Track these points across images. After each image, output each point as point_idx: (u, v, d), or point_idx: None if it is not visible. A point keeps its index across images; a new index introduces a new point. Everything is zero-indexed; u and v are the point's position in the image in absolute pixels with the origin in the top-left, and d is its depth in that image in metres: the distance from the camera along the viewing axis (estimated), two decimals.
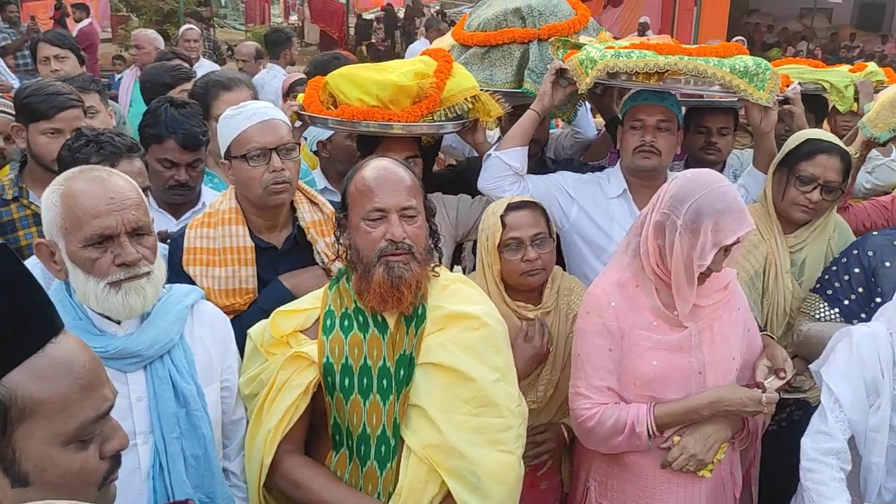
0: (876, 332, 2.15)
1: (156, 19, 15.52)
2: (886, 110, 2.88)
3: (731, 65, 2.53)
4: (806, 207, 2.62)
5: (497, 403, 1.91)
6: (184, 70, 3.93)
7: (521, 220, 2.41)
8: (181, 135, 2.61)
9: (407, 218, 1.88)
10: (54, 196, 1.69)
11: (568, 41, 2.83)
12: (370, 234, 1.87)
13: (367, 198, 1.87)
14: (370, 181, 1.89)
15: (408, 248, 1.86)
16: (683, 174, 2.18)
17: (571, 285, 2.56)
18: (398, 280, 1.84)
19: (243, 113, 2.27)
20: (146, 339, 1.76)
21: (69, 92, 2.82)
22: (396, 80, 2.59)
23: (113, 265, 1.68)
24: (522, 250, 2.38)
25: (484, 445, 1.87)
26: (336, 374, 1.86)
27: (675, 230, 2.06)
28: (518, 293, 2.46)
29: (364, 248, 1.88)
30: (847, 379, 2.15)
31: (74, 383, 1.04)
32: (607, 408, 2.19)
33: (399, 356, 1.88)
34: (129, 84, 5.87)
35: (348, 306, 1.93)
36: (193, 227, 2.29)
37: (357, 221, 1.89)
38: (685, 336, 2.16)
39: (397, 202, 1.87)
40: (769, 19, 19.80)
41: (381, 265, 1.85)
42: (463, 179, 3.11)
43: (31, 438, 1.02)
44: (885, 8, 20.63)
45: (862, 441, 2.12)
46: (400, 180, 1.90)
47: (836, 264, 2.60)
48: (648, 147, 2.64)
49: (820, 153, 2.59)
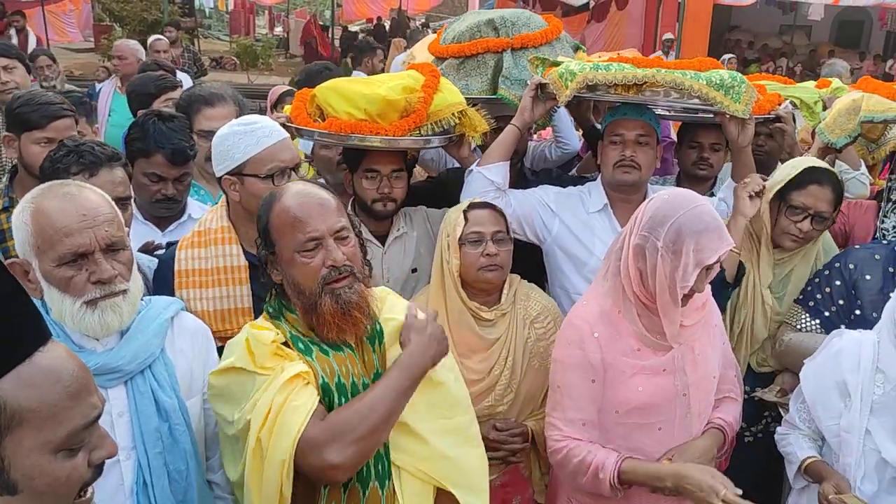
0: (863, 336, 2.21)
1: (140, 29, 15.49)
2: (843, 117, 2.96)
3: (708, 78, 2.57)
4: (796, 237, 2.65)
5: (461, 402, 1.94)
6: (168, 80, 3.94)
7: (483, 217, 2.47)
8: (169, 150, 2.61)
9: (341, 239, 1.79)
10: (24, 215, 1.66)
11: (546, 60, 2.86)
12: (309, 264, 1.76)
13: (297, 228, 1.76)
14: (296, 210, 1.77)
15: (349, 270, 1.78)
16: (660, 195, 2.15)
17: (528, 291, 2.59)
18: (348, 305, 1.76)
19: (259, 130, 2.24)
20: (126, 353, 1.74)
21: (61, 102, 2.82)
22: (385, 95, 2.60)
23: (88, 283, 1.65)
24: (483, 245, 2.41)
25: (463, 445, 1.89)
26: (333, 393, 1.75)
27: (656, 252, 2.03)
28: (475, 294, 2.48)
29: (304, 281, 1.77)
30: (817, 378, 2.22)
31: (63, 391, 1.05)
32: (578, 445, 2.16)
33: (374, 375, 1.83)
34: (109, 94, 5.86)
35: (305, 335, 1.81)
36: (184, 248, 2.25)
37: (290, 255, 1.77)
38: (668, 359, 2.14)
39: (329, 226, 1.77)
40: (750, 36, 20.04)
41: (327, 294, 1.75)
42: (443, 191, 3.13)
43: (20, 447, 1.02)
44: (863, 25, 20.96)
45: (836, 442, 2.17)
46: (325, 203, 1.80)
47: (818, 276, 2.65)
48: (629, 162, 2.66)
49: (812, 183, 2.62)
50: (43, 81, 6.11)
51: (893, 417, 2.08)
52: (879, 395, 2.10)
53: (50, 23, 16.12)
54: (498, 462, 2.48)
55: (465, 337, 2.47)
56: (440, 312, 2.42)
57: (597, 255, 2.68)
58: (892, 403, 2.08)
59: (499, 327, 2.49)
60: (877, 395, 2.10)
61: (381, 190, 2.67)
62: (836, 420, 2.17)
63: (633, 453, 2.16)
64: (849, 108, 2.96)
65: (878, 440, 2.09)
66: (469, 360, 2.47)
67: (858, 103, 2.94)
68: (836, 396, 2.17)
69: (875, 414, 2.10)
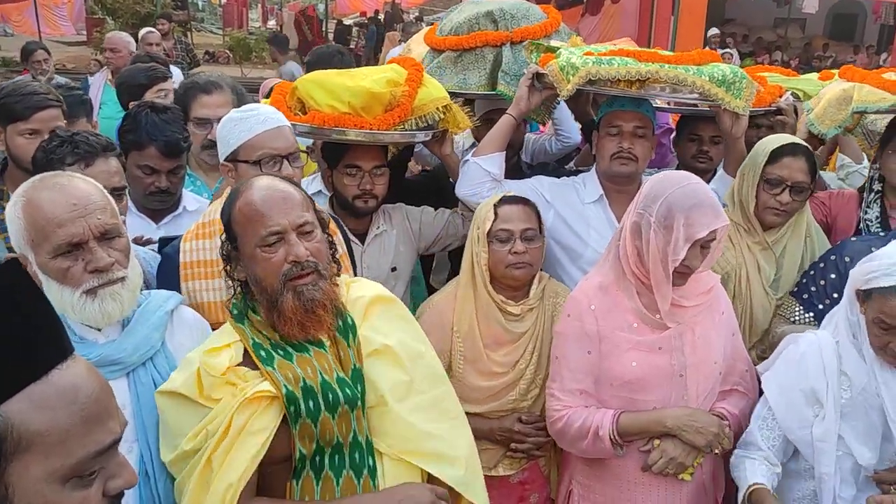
0: (822, 340, 2.18)
1: (132, 22, 15.36)
2: (833, 107, 2.94)
3: (710, 73, 2.57)
4: (777, 210, 2.65)
5: (437, 374, 1.92)
6: (159, 70, 3.90)
7: (514, 213, 2.44)
8: (162, 142, 2.59)
9: (304, 234, 1.74)
10: (16, 209, 1.66)
11: (541, 44, 2.84)
12: (270, 259, 1.71)
13: (259, 222, 1.71)
14: (258, 204, 1.72)
15: (313, 267, 1.72)
16: (656, 175, 2.22)
17: (557, 289, 2.58)
18: (311, 303, 1.71)
19: (253, 117, 2.21)
20: (128, 346, 1.74)
21: (46, 92, 2.78)
22: (370, 87, 2.57)
23: (86, 272, 1.65)
24: (511, 243, 2.40)
25: (440, 419, 1.86)
26: (299, 400, 1.70)
27: (649, 228, 2.11)
28: (503, 290, 2.47)
29: (266, 277, 1.72)
30: (781, 388, 2.19)
31: (76, 414, 0.96)
32: (575, 411, 2.22)
33: (352, 370, 1.79)
34: (100, 86, 5.81)
35: (272, 338, 1.77)
36: (188, 241, 2.22)
37: (252, 250, 1.72)
38: (665, 337, 2.19)
39: (292, 220, 1.72)
40: (744, 29, 20.03)
41: (289, 291, 1.70)
42: (436, 185, 3.11)
43: (26, 474, 0.93)
44: (857, 19, 20.99)
45: (810, 452, 2.15)
46: (289, 196, 1.75)
47: (813, 269, 2.64)
48: (626, 153, 2.66)
49: (784, 155, 2.63)
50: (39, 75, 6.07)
51: (861, 421, 2.08)
52: (847, 399, 2.10)
53: (42, 16, 16.02)
54: (522, 456, 2.50)
55: (493, 329, 2.47)
56: (468, 304, 2.46)
57: (592, 245, 2.69)
58: (858, 406, 2.08)
59: (526, 322, 2.48)
60: (844, 398, 2.10)
61: (362, 186, 2.64)
62: (807, 429, 2.14)
63: None
64: (839, 98, 2.94)
65: (851, 444, 2.08)
66: (495, 352, 2.48)
67: (849, 93, 2.91)
68: (804, 405, 2.15)
69: (845, 418, 2.10)
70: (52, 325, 0.98)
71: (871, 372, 2.06)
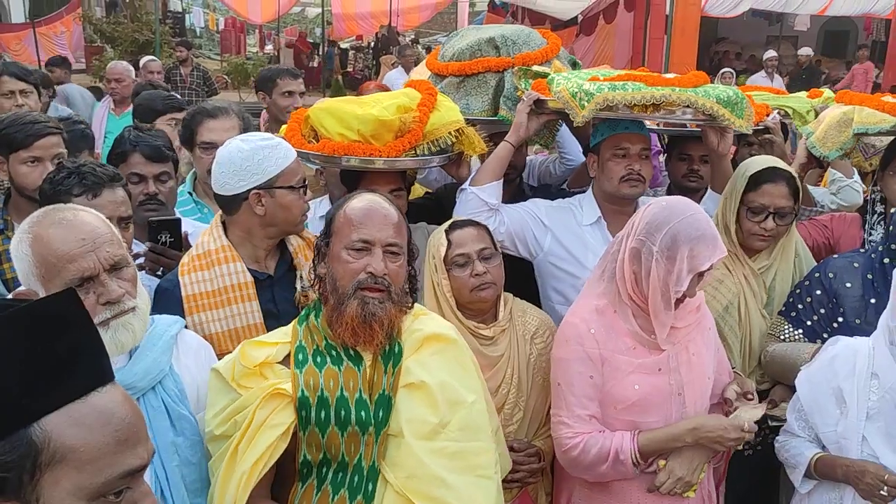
0: (857, 343, 2.23)
1: (131, 50, 15.49)
2: (834, 130, 2.97)
3: (717, 95, 2.62)
4: (762, 236, 2.67)
5: (477, 426, 1.89)
6: (177, 101, 4.03)
7: (467, 236, 2.42)
8: (144, 146, 2.65)
9: (390, 255, 1.86)
10: (23, 246, 1.67)
11: (530, 70, 2.88)
12: (351, 264, 1.84)
13: (354, 228, 1.86)
14: (358, 212, 1.88)
15: (386, 285, 1.83)
16: (658, 201, 2.22)
17: (523, 307, 2.56)
18: (371, 317, 1.81)
19: (282, 145, 2.28)
20: (139, 370, 1.77)
21: (47, 120, 2.80)
22: (378, 115, 2.59)
23: (98, 305, 1.67)
24: (471, 265, 2.37)
25: (464, 472, 1.83)
26: (311, 407, 1.80)
27: (651, 257, 2.10)
28: (471, 315, 2.43)
29: (342, 279, 1.85)
30: (811, 384, 2.25)
31: (111, 435, 1.00)
32: (591, 436, 2.20)
33: (378, 396, 1.83)
34: (103, 117, 5.85)
35: (319, 343, 1.88)
36: (186, 273, 2.24)
37: (339, 250, 1.86)
38: (663, 358, 2.20)
39: (383, 237, 1.86)
40: (737, 47, 20.22)
41: (356, 299, 1.82)
42: (441, 207, 3.13)
43: (57, 487, 0.97)
44: (848, 35, 21.20)
45: (835, 448, 2.19)
46: (388, 216, 1.89)
47: (799, 287, 2.67)
48: (637, 175, 2.68)
49: (765, 182, 2.64)
50: None
51: (889, 423, 2.10)
52: (875, 401, 2.12)
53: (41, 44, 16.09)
54: (517, 485, 2.45)
55: None
56: None
57: (589, 268, 2.66)
58: (887, 409, 2.10)
59: (500, 344, 2.45)
60: (872, 400, 2.12)
61: None
62: (833, 427, 2.18)
63: None
64: (840, 121, 2.98)
65: (875, 446, 2.11)
66: None
67: (849, 115, 2.95)
68: (833, 403, 2.19)
69: (871, 420, 2.12)
70: (95, 351, 1.03)
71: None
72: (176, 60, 9.85)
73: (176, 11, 22.39)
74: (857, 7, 15.78)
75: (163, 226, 2.48)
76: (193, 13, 25.06)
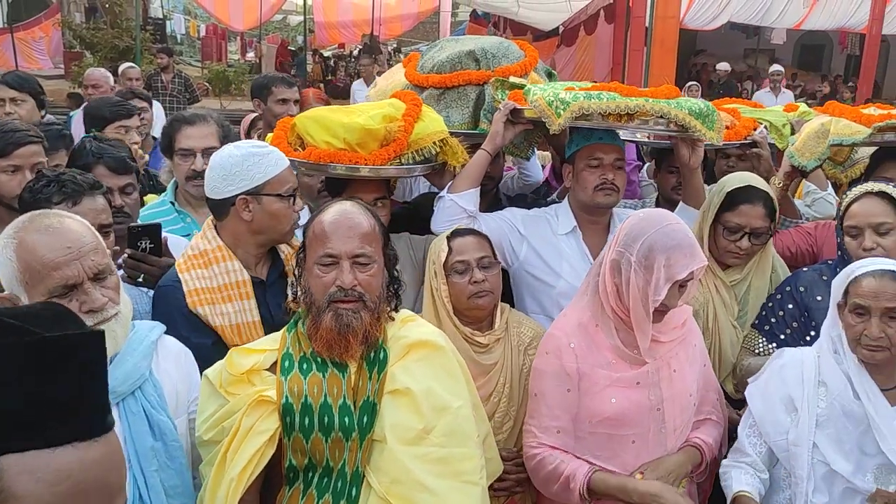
0: (804, 353, 2.29)
1: (111, 56, 15.35)
2: (812, 140, 3.05)
3: (689, 107, 2.67)
4: (738, 255, 2.71)
5: (463, 432, 1.90)
6: (124, 108, 3.91)
7: (467, 244, 2.46)
8: (108, 158, 2.65)
9: (360, 265, 1.88)
10: (8, 251, 1.68)
11: (506, 82, 2.92)
12: (321, 278, 1.87)
13: (321, 242, 1.88)
14: (326, 225, 1.89)
15: (357, 296, 1.86)
16: (636, 214, 2.27)
17: (519, 318, 2.60)
18: (345, 328, 1.84)
19: (273, 153, 2.30)
20: (119, 375, 1.78)
21: (27, 129, 2.79)
22: (364, 124, 2.62)
23: (81, 313, 1.67)
24: (469, 273, 2.41)
25: (448, 477, 1.85)
26: (295, 413, 1.83)
27: (629, 267, 2.13)
28: (467, 323, 2.46)
29: (315, 292, 1.88)
30: (763, 397, 2.29)
31: (58, 495, 0.91)
32: (551, 454, 2.22)
33: (363, 402, 1.86)
34: (81, 123, 5.80)
35: (306, 350, 1.91)
36: (186, 271, 2.25)
37: (311, 265, 1.90)
38: (643, 373, 2.22)
39: (349, 249, 1.87)
40: (715, 59, 20.47)
41: (330, 311, 1.85)
42: (418, 216, 3.15)
43: None
44: (824, 49, 21.55)
45: (785, 456, 2.23)
46: (356, 227, 1.89)
47: (771, 300, 2.71)
48: (610, 185, 2.72)
49: (742, 203, 2.67)
50: None
51: (837, 429, 2.15)
52: (823, 408, 2.17)
53: (20, 50, 15.97)
54: (504, 494, 2.46)
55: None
56: None
57: (564, 277, 2.73)
58: (835, 416, 2.15)
59: (494, 353, 2.48)
60: (821, 408, 2.18)
61: None
62: (783, 435, 2.22)
63: (608, 464, 2.22)
64: (818, 132, 3.05)
65: (826, 453, 2.15)
66: None
67: (827, 127, 3.02)
68: (783, 412, 2.23)
69: (821, 427, 2.17)
70: (87, 403, 0.96)
71: (848, 380, 2.14)
72: (157, 67, 9.77)
73: (156, 18, 22.25)
74: (833, 22, 16.09)
75: (143, 232, 2.47)
76: (174, 20, 24.90)
